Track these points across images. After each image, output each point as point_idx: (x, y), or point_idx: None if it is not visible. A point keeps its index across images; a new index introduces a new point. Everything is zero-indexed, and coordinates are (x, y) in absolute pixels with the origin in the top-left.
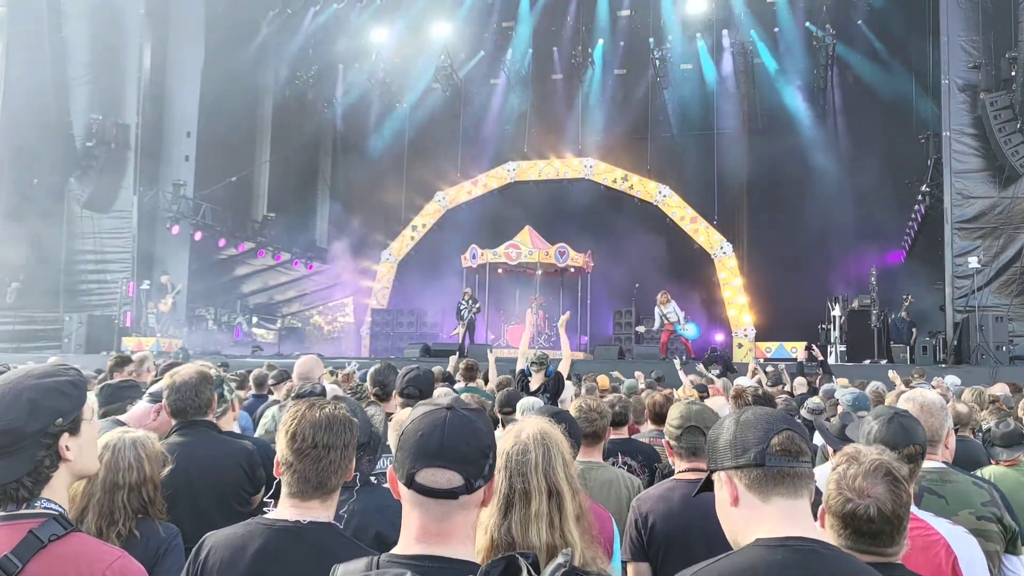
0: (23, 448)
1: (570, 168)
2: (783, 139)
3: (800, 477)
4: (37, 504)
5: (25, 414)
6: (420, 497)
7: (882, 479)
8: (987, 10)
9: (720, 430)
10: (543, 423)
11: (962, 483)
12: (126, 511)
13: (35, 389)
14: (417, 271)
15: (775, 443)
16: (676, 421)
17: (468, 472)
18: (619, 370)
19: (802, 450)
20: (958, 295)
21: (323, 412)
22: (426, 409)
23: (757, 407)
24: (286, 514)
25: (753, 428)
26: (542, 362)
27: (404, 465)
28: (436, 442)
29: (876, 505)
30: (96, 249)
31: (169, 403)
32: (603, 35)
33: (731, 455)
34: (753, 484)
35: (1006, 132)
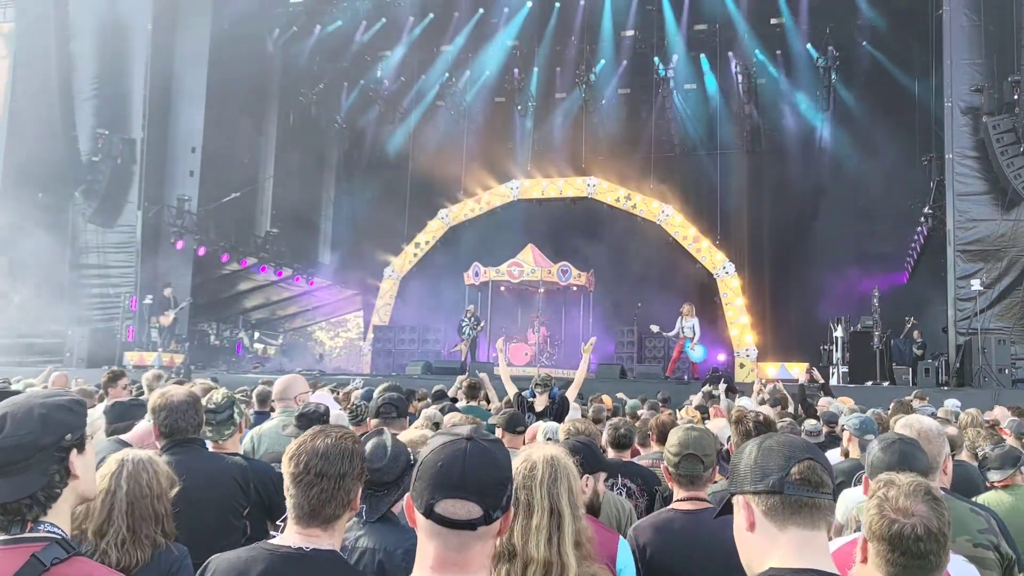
0: (37, 463)
1: (573, 187)
2: (786, 159)
3: (818, 508)
4: (40, 528)
5: (38, 428)
6: (438, 527)
7: (923, 498)
8: (990, 33)
9: (742, 455)
10: (556, 449)
11: (959, 510)
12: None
13: (44, 405)
14: (420, 288)
15: (795, 472)
16: (674, 448)
17: (487, 503)
18: (621, 390)
19: (823, 481)
20: (960, 317)
21: (324, 441)
22: (446, 439)
23: (776, 435)
24: (291, 540)
25: (775, 455)
26: (546, 384)
27: (423, 495)
28: (457, 473)
29: (923, 523)
30: (99, 263)
31: (161, 424)
32: (607, 55)
33: (750, 480)
34: (770, 511)
35: (1009, 155)
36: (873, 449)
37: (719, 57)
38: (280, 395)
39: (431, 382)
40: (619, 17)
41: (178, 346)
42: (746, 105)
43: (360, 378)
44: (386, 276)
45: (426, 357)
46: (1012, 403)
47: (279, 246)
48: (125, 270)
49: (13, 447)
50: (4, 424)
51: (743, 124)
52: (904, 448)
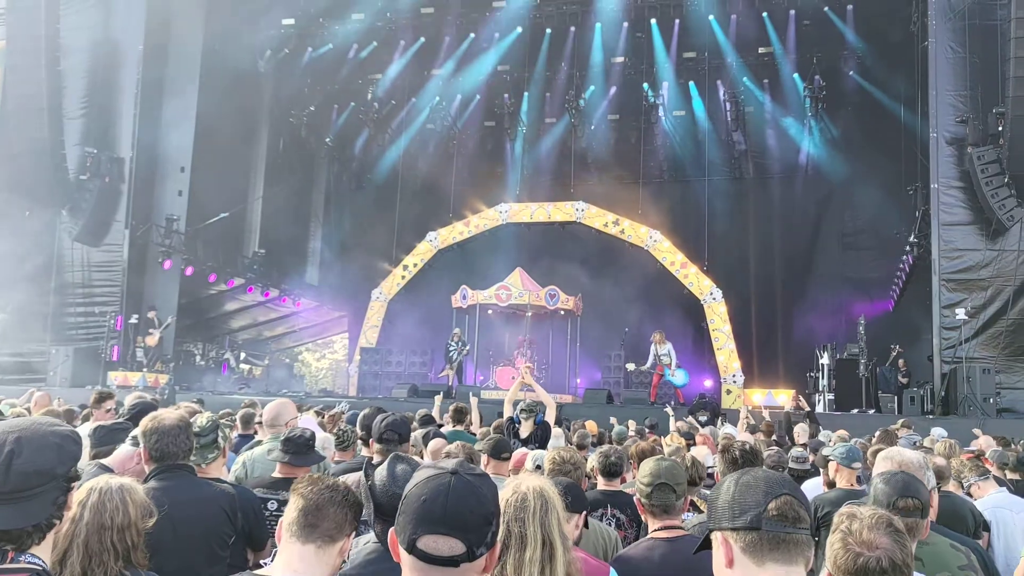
0: (48, 491)
1: (562, 211)
2: (773, 186)
3: (796, 544)
4: (21, 558)
5: (55, 457)
6: (420, 563)
7: (886, 530)
8: (974, 65)
9: (720, 490)
10: (542, 480)
11: (940, 545)
12: (115, 551)
13: (56, 435)
14: (407, 311)
15: (772, 507)
16: (647, 479)
17: (470, 540)
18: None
19: (800, 516)
20: (945, 346)
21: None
22: (430, 473)
23: (754, 471)
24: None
25: (752, 491)
26: (532, 410)
27: (406, 530)
28: (439, 508)
29: (888, 556)
30: (85, 282)
31: (152, 448)
32: (597, 80)
33: (728, 516)
34: (748, 547)
35: (993, 186)
36: (876, 483)
37: (708, 85)
38: (271, 422)
39: (417, 405)
40: (609, 43)
41: (163, 366)
42: (734, 132)
43: (345, 401)
44: (374, 298)
45: (413, 380)
46: (996, 432)
47: (267, 267)
48: (111, 289)
49: (33, 472)
50: (21, 449)
51: (731, 151)
52: (904, 478)
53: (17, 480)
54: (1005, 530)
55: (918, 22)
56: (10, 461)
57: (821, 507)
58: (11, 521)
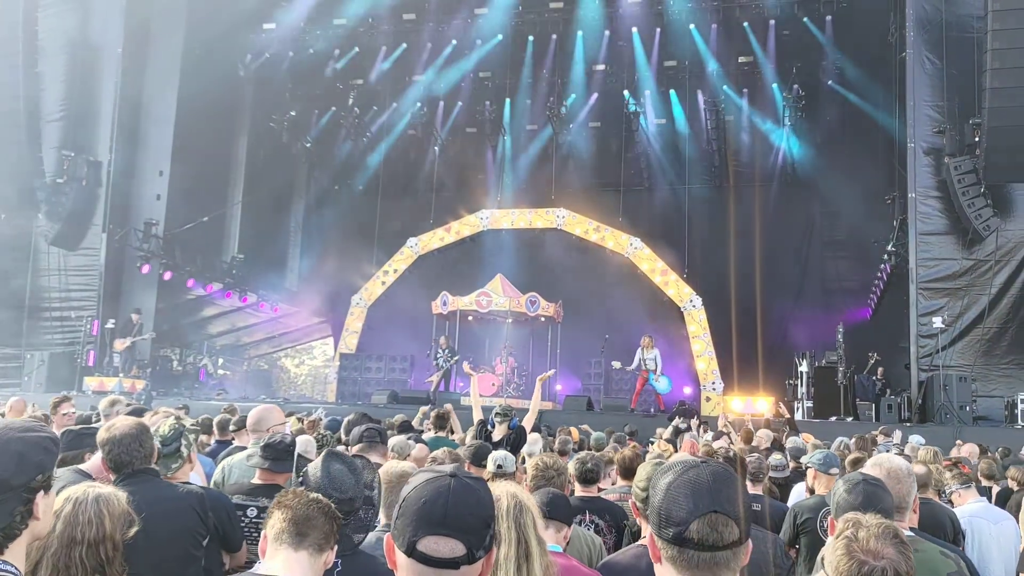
0: (4, 501)
1: (542, 218)
2: (753, 195)
3: (718, 564)
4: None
5: (13, 465)
6: (420, 566)
7: (892, 541)
8: (952, 77)
9: (656, 489)
10: (518, 488)
11: (929, 552)
12: (83, 568)
13: (21, 442)
14: (387, 317)
15: (695, 530)
16: (643, 483)
17: (471, 542)
18: (588, 422)
19: (722, 537)
20: (922, 354)
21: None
22: (429, 476)
23: (695, 470)
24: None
25: (679, 503)
26: (506, 414)
27: (405, 533)
28: (440, 510)
29: (892, 566)
30: (61, 286)
31: (108, 457)
32: (578, 88)
33: (655, 522)
34: (669, 558)
35: (970, 196)
36: (838, 489)
37: (688, 93)
38: (254, 426)
39: (397, 411)
40: (590, 51)
41: (140, 372)
42: (714, 140)
43: (323, 407)
44: (354, 304)
45: (392, 386)
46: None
47: (245, 272)
48: (87, 294)
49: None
50: None
51: (711, 159)
52: (868, 489)
53: None
54: (980, 540)
55: (896, 33)
56: None
57: (800, 514)
58: None
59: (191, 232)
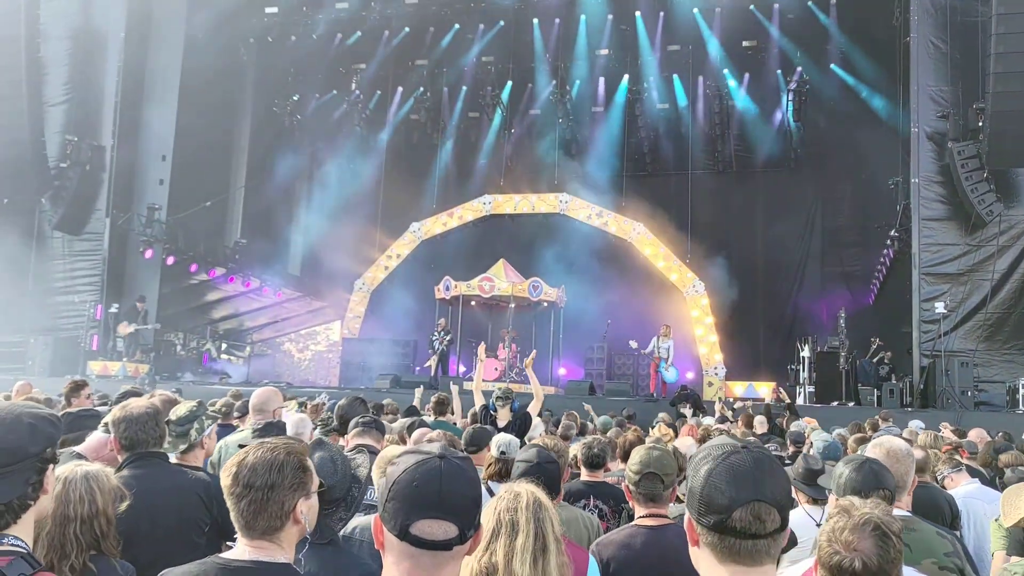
0: (20, 470)
1: (545, 203)
2: (756, 179)
3: (759, 550)
4: (4, 541)
5: (28, 435)
6: (412, 549)
7: (870, 533)
8: (956, 61)
9: (697, 475)
10: (538, 490)
11: (926, 532)
12: (78, 544)
13: (31, 415)
14: (390, 301)
15: (737, 518)
16: (636, 467)
17: (462, 522)
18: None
19: (765, 525)
20: (925, 339)
21: (256, 453)
22: (418, 458)
23: (736, 456)
24: (242, 553)
25: (721, 490)
26: (507, 396)
27: (397, 516)
28: (433, 493)
29: (861, 559)
30: (65, 271)
31: (121, 436)
32: (581, 73)
33: (695, 508)
34: (709, 545)
35: (973, 181)
36: (842, 469)
37: (691, 78)
38: (259, 408)
39: (400, 395)
40: (594, 36)
41: (143, 356)
42: (717, 125)
43: (326, 392)
44: (356, 288)
45: (395, 371)
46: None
47: (248, 256)
48: (91, 278)
49: (4, 451)
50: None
51: (714, 144)
52: (873, 467)
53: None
54: (976, 520)
55: (900, 17)
56: None
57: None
58: None
59: (194, 217)
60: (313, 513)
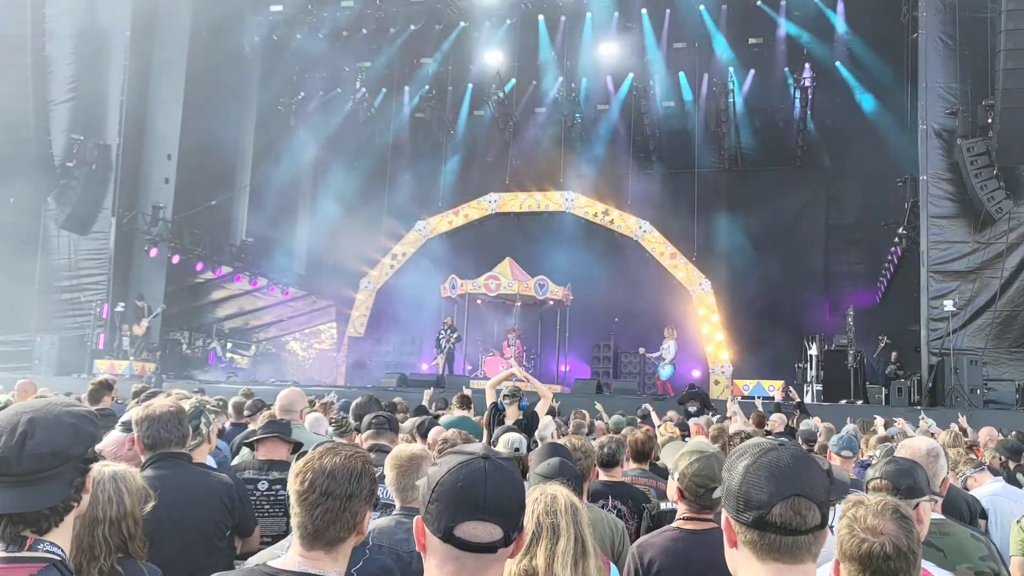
0: (64, 472)
1: (551, 201)
2: (763, 177)
3: (799, 547)
4: (39, 547)
5: (71, 437)
6: (457, 551)
7: (891, 516)
8: (965, 58)
9: (733, 472)
10: (571, 492)
11: (960, 536)
12: (107, 546)
13: (71, 415)
14: (396, 300)
15: (777, 513)
16: (699, 479)
17: (508, 525)
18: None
19: (806, 520)
20: (933, 337)
21: (332, 460)
22: (462, 459)
23: (774, 452)
24: (293, 564)
25: (760, 487)
26: (515, 395)
27: (442, 518)
28: (479, 494)
29: (892, 541)
30: (72, 270)
31: (144, 435)
32: (587, 70)
33: (733, 506)
34: (748, 543)
35: (982, 178)
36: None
37: (697, 75)
38: (286, 408)
39: (406, 394)
40: (600, 33)
41: (149, 355)
42: (723, 123)
43: (334, 391)
44: (362, 287)
45: (401, 369)
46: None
47: (254, 255)
48: (97, 277)
49: (49, 454)
50: (34, 430)
51: (720, 141)
52: (906, 465)
53: (32, 462)
54: (1002, 519)
55: (908, 14)
56: (23, 442)
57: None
58: (27, 503)
59: (199, 215)
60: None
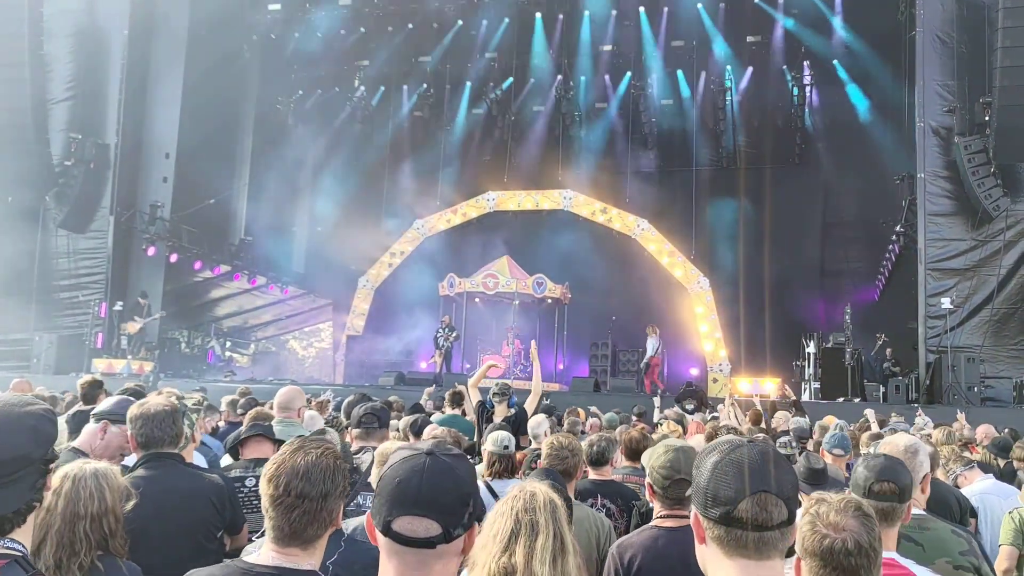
0: (26, 476)
1: (549, 199)
2: (761, 175)
3: (766, 543)
4: (1, 544)
5: (31, 440)
6: (397, 545)
7: (853, 514)
8: (962, 55)
9: (701, 468)
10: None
11: (940, 531)
12: (88, 542)
13: (30, 416)
14: (394, 298)
15: (743, 509)
16: (664, 470)
17: (447, 521)
18: (595, 404)
19: (772, 516)
20: (931, 335)
21: (304, 459)
22: (405, 454)
23: (741, 449)
24: (267, 559)
25: (727, 483)
26: (504, 392)
27: (381, 512)
28: (414, 490)
29: (853, 537)
30: (70, 269)
31: (137, 434)
32: (585, 69)
33: (701, 502)
34: (716, 539)
35: (979, 176)
36: (857, 466)
37: (695, 73)
38: (284, 406)
39: (404, 393)
40: (597, 31)
41: (148, 354)
42: (721, 121)
43: (331, 389)
44: (360, 285)
45: (399, 368)
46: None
47: (253, 254)
48: (96, 276)
49: (10, 459)
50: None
51: (718, 139)
52: (886, 463)
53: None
54: (992, 516)
55: (906, 11)
56: None
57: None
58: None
59: (198, 214)
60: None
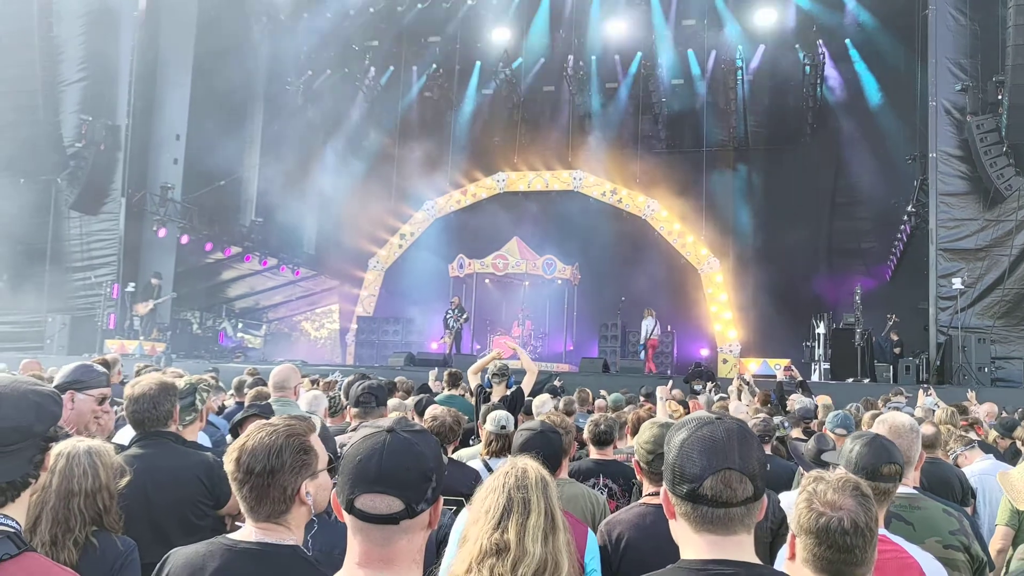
0: (25, 449)
1: (559, 180)
2: (772, 156)
3: (731, 519)
4: None
5: (33, 414)
6: (360, 522)
7: (851, 493)
8: (975, 34)
9: (670, 445)
10: (541, 467)
11: (931, 510)
12: (82, 518)
13: (36, 393)
14: (404, 279)
15: (708, 486)
16: (648, 445)
17: (408, 497)
18: (604, 384)
19: (736, 494)
20: (942, 316)
21: (256, 436)
22: (367, 432)
23: (709, 426)
24: (249, 534)
25: (692, 460)
26: (503, 374)
27: (344, 490)
28: (374, 467)
29: (850, 516)
30: (82, 250)
31: (128, 414)
32: (595, 49)
33: (669, 478)
34: (683, 515)
35: (992, 155)
36: (851, 444)
37: (706, 52)
38: (279, 385)
39: (414, 374)
40: (608, 11)
41: (160, 334)
42: (732, 100)
43: (339, 370)
44: (371, 267)
45: (410, 348)
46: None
47: (264, 235)
48: (107, 257)
49: (11, 429)
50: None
51: (729, 119)
52: (883, 442)
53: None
54: (991, 497)
55: None
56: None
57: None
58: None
59: (209, 196)
60: (324, 493)
